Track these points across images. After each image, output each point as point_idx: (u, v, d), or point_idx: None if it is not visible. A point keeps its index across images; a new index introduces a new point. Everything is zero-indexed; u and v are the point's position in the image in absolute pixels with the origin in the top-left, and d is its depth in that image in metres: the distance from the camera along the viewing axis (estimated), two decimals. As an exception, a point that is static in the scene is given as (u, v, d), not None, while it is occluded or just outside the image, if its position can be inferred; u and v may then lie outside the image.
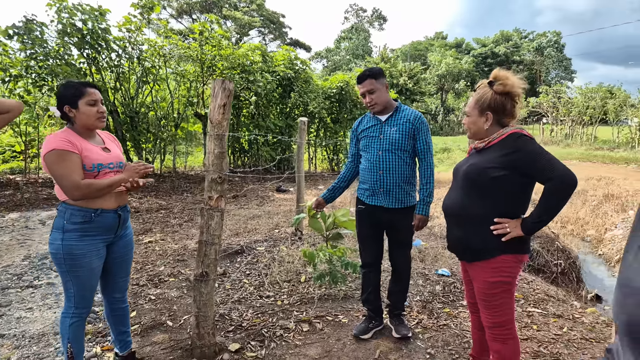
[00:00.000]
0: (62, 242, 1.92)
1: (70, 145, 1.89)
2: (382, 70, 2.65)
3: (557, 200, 1.78)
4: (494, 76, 1.95)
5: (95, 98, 1.99)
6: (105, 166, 2.00)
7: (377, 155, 2.61)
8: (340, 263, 3.47)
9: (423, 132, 2.60)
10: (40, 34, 7.25)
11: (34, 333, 2.74)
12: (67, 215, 1.93)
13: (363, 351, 2.62)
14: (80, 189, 1.86)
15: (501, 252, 1.87)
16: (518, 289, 3.78)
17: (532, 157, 1.80)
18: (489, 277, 1.90)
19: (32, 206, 6.52)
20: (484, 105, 1.94)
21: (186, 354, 2.51)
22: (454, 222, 2.05)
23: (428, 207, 2.59)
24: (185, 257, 4.36)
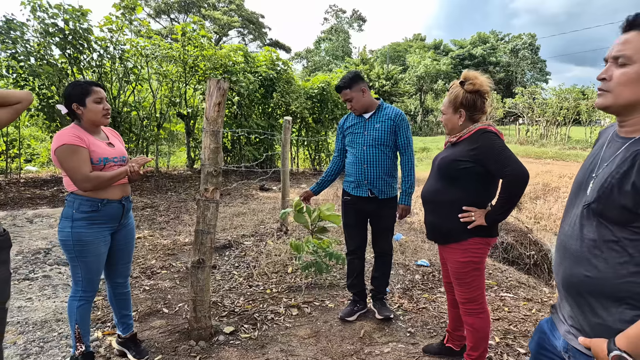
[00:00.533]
0: (72, 230, 2.08)
1: (80, 140, 2.05)
2: (356, 76, 2.85)
3: (510, 194, 2.00)
4: (464, 77, 2.17)
5: (101, 96, 2.16)
6: (110, 160, 2.17)
7: (361, 150, 2.85)
8: (325, 254, 3.70)
9: (404, 128, 2.84)
10: (21, 34, 7.21)
11: (37, 320, 2.87)
12: (75, 204, 2.09)
13: (349, 331, 2.85)
14: (90, 180, 2.04)
15: (471, 235, 2.11)
16: (493, 276, 4.09)
17: (491, 153, 2.02)
18: (460, 258, 2.15)
19: (17, 205, 6.51)
20: (457, 104, 2.15)
21: (184, 336, 2.68)
22: (429, 208, 2.29)
23: (410, 197, 2.85)
24: (175, 252, 4.50)
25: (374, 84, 23.31)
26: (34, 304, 3.13)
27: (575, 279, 1.14)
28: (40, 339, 2.63)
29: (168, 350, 2.54)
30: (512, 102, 31.03)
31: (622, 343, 0.99)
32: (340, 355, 2.55)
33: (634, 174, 1.01)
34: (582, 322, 1.13)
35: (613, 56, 1.07)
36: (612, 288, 1.05)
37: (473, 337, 2.24)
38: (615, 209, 1.04)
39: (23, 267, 3.88)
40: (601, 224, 1.08)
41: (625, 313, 1.03)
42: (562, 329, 1.22)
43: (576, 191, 1.22)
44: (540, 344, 1.34)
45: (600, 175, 1.11)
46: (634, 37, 1.05)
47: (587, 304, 1.11)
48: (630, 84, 1.05)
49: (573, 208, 1.21)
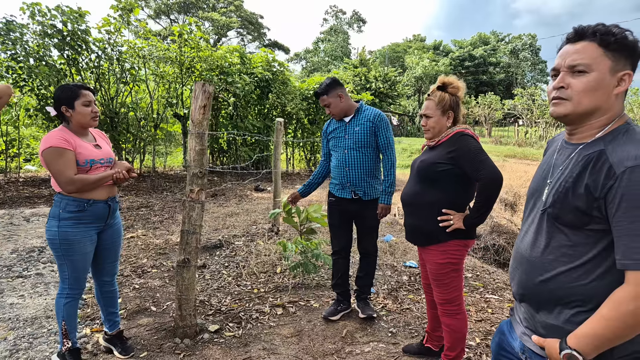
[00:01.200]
0: (58, 229, 2.15)
1: (66, 143, 2.12)
2: (333, 82, 2.93)
3: (485, 197, 2.05)
4: (443, 82, 2.25)
5: (89, 99, 2.23)
6: (97, 161, 2.24)
7: (343, 153, 2.93)
8: (312, 254, 3.76)
9: (383, 129, 2.89)
10: (21, 35, 7.30)
11: (27, 317, 2.94)
12: (62, 204, 2.17)
13: (332, 330, 2.92)
14: (74, 183, 2.11)
15: (450, 237, 2.17)
16: (480, 278, 4.15)
17: (467, 156, 2.08)
18: (439, 259, 2.21)
19: (15, 204, 6.59)
20: (446, 106, 2.21)
21: (169, 334, 2.75)
22: (409, 210, 2.34)
23: (390, 196, 2.90)
24: (167, 251, 4.58)
25: (371, 85, 23.38)
26: (25, 301, 3.21)
27: (530, 284, 1.19)
28: (29, 335, 2.70)
29: (154, 348, 2.61)
30: (511, 103, 31.06)
31: (573, 342, 1.05)
32: (321, 354, 2.61)
33: (587, 176, 1.06)
34: (536, 323, 1.18)
35: (568, 65, 1.10)
36: (566, 292, 1.11)
37: (450, 337, 2.29)
38: (570, 211, 1.09)
39: (17, 264, 3.96)
40: (557, 228, 1.13)
41: (577, 315, 1.09)
42: (519, 331, 1.27)
43: (531, 199, 1.27)
44: (500, 345, 1.39)
45: (554, 181, 1.16)
46: (587, 46, 1.09)
47: (541, 307, 1.17)
48: (589, 92, 1.09)
49: (529, 215, 1.26)
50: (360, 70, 24.16)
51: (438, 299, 2.29)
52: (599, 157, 1.05)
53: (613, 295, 1.01)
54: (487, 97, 34.50)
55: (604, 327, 1.00)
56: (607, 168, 1.02)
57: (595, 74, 1.08)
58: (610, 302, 1.01)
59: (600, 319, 1.01)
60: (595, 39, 1.08)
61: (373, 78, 23.78)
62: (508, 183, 10.10)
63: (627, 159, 1.00)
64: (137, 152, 9.78)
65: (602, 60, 1.08)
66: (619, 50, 1.07)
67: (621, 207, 0.99)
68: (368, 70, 24.32)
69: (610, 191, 1.01)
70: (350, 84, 18.41)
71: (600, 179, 1.03)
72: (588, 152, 1.09)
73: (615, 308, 0.99)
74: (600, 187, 1.03)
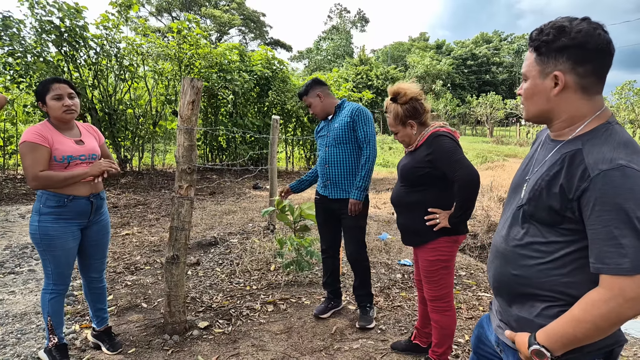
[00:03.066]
0: (39, 224, 2.15)
1: (41, 139, 2.11)
2: (312, 83, 2.93)
3: (464, 197, 2.05)
4: (392, 92, 2.23)
5: (59, 93, 2.18)
6: (75, 158, 2.20)
7: (324, 151, 2.90)
8: (306, 252, 3.75)
9: (362, 123, 2.80)
10: (18, 31, 7.30)
11: (17, 313, 2.94)
12: (43, 199, 2.16)
13: (321, 327, 2.91)
14: (37, 179, 2.08)
15: (439, 235, 2.17)
16: (474, 276, 4.13)
17: (443, 157, 2.07)
18: (429, 257, 2.21)
19: (12, 201, 6.61)
20: (403, 119, 2.21)
21: (159, 330, 2.75)
22: (398, 211, 2.36)
23: (361, 191, 2.76)
24: (161, 248, 4.57)
25: (372, 83, 23.36)
26: (16, 297, 3.21)
27: (505, 277, 1.20)
28: (18, 331, 2.70)
29: (142, 344, 2.61)
30: (513, 103, 30.97)
31: (542, 338, 1.05)
32: (309, 350, 2.61)
33: (562, 177, 1.04)
34: (509, 317, 1.19)
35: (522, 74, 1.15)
36: (538, 286, 1.11)
37: (438, 334, 2.30)
38: (544, 210, 1.08)
39: (9, 261, 3.96)
40: (532, 225, 1.13)
41: (548, 309, 1.10)
42: (494, 323, 1.28)
43: (512, 194, 1.27)
44: (479, 338, 1.40)
45: (532, 178, 1.15)
46: (528, 54, 1.12)
47: (514, 300, 1.18)
48: (528, 98, 1.14)
49: (508, 209, 1.26)
50: (362, 69, 24.16)
51: (428, 296, 2.29)
52: (575, 157, 1.04)
53: (586, 297, 1.01)
54: (489, 97, 34.44)
55: (574, 327, 1.00)
56: (582, 170, 1.00)
57: (530, 81, 1.11)
58: (583, 304, 1.00)
59: (571, 319, 1.01)
60: (531, 47, 1.10)
61: (374, 76, 23.79)
62: (507, 182, 10.08)
63: (602, 161, 0.98)
64: (135, 150, 9.79)
65: (533, 66, 1.10)
66: (547, 52, 1.07)
67: (595, 211, 0.97)
68: (370, 69, 24.32)
69: (584, 194, 0.99)
70: (351, 82, 18.37)
71: (575, 181, 1.01)
72: (565, 151, 1.07)
73: (587, 310, 0.99)
74: (575, 188, 1.01)
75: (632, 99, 21.07)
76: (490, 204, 7.42)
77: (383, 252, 4.76)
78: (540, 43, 1.07)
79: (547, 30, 1.06)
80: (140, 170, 10.10)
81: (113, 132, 8.87)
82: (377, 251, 4.73)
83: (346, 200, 2.86)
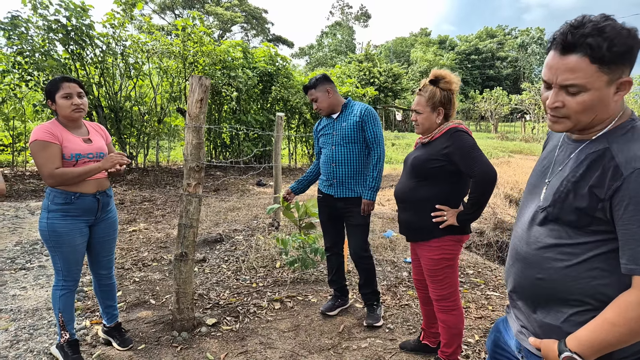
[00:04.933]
0: (47, 221, 2.18)
1: (52, 137, 2.13)
2: (322, 77, 2.91)
3: (479, 194, 2.03)
4: (436, 75, 2.19)
5: (69, 91, 2.20)
6: (83, 156, 2.23)
7: (330, 149, 2.89)
8: (310, 249, 3.77)
9: (370, 123, 2.82)
10: (26, 30, 7.34)
11: (29, 308, 2.98)
12: (51, 196, 2.19)
13: (329, 326, 2.93)
14: (54, 177, 2.12)
15: (444, 233, 2.15)
16: (481, 275, 4.13)
17: (461, 152, 2.06)
18: (433, 255, 2.19)
19: (21, 197, 6.67)
20: (436, 102, 2.17)
21: (167, 327, 2.78)
22: (402, 206, 2.33)
23: (374, 192, 2.80)
24: (168, 244, 4.60)
25: (374, 80, 23.30)
26: (27, 292, 3.25)
27: (527, 282, 1.15)
28: (30, 326, 2.74)
29: (152, 340, 2.64)
30: (518, 98, 30.75)
31: (573, 344, 1.01)
32: (317, 348, 2.62)
33: (591, 177, 1.01)
34: (533, 323, 1.15)
35: (561, 85, 1.01)
36: (565, 290, 1.07)
37: (447, 334, 2.28)
38: (572, 212, 1.04)
39: (20, 257, 4.00)
40: (557, 226, 1.09)
41: (577, 315, 1.06)
42: (515, 329, 1.23)
43: (528, 195, 1.23)
44: (496, 343, 1.36)
45: (554, 180, 1.11)
46: (579, 63, 0.98)
47: (538, 306, 1.14)
48: (588, 110, 1.02)
49: (525, 212, 1.21)
50: (365, 65, 24.09)
51: (433, 295, 2.28)
52: (604, 156, 1.00)
53: (619, 300, 0.97)
54: (494, 92, 34.21)
55: (607, 331, 0.97)
56: (613, 168, 0.97)
57: (591, 92, 0.99)
58: (616, 307, 0.97)
59: (603, 323, 0.98)
60: (587, 54, 0.96)
61: (377, 73, 23.73)
62: (513, 179, 10.04)
63: (634, 159, 0.95)
64: (140, 147, 9.83)
65: (597, 77, 0.98)
66: (614, 61, 0.96)
67: (628, 210, 0.94)
68: (373, 65, 24.26)
69: (616, 193, 0.96)
70: (354, 79, 18.33)
71: (606, 180, 0.97)
72: (591, 151, 1.03)
73: (621, 313, 0.95)
74: (607, 188, 0.97)
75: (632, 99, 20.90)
76: (496, 201, 7.40)
77: (388, 249, 4.77)
78: (605, 53, 0.95)
79: (607, 37, 0.95)
80: (145, 167, 10.15)
81: (119, 129, 8.92)
82: (383, 249, 4.74)
83: (351, 199, 2.86)
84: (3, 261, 3.91)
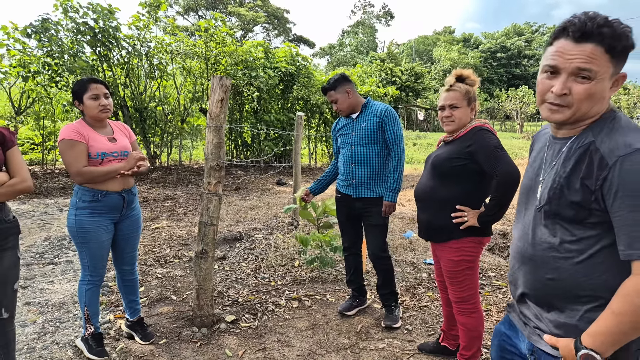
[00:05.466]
0: (75, 218, 2.26)
1: (79, 136, 2.21)
2: (341, 78, 2.88)
3: (501, 195, 1.99)
4: (461, 74, 2.20)
5: (97, 92, 2.28)
6: (109, 155, 2.30)
7: (349, 149, 2.87)
8: (329, 248, 3.77)
9: (390, 124, 2.79)
10: (55, 32, 7.61)
11: (56, 302, 3.09)
12: (79, 194, 2.27)
13: (346, 325, 2.92)
14: (82, 175, 2.20)
15: (464, 235, 2.12)
16: (502, 277, 4.04)
17: (484, 151, 2.02)
18: (453, 257, 2.16)
19: (50, 194, 6.94)
20: (472, 98, 2.17)
21: (187, 322, 2.83)
22: (422, 206, 2.29)
23: (395, 193, 2.78)
24: (189, 242, 4.69)
25: (396, 79, 23.10)
26: (55, 286, 3.37)
27: (538, 284, 1.16)
28: (57, 319, 2.84)
29: (172, 335, 2.69)
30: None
31: (588, 341, 1.02)
32: (335, 348, 2.62)
33: (580, 170, 1.04)
34: (548, 323, 1.15)
35: (575, 68, 1.03)
36: (577, 287, 1.08)
37: (466, 336, 2.25)
38: (568, 207, 1.07)
39: (49, 252, 4.16)
40: (558, 224, 1.11)
41: (591, 312, 1.06)
42: (526, 331, 1.23)
43: (525, 198, 1.25)
44: (502, 347, 1.34)
45: (547, 178, 1.14)
46: (595, 51, 1.01)
47: (552, 306, 1.14)
48: (590, 99, 1.04)
49: (525, 214, 1.23)
50: (387, 65, 23.92)
51: (453, 297, 2.25)
52: (589, 148, 1.04)
53: (622, 289, 0.99)
54: (519, 91, 33.39)
55: (617, 323, 0.98)
56: (599, 159, 1.01)
57: (598, 81, 1.02)
58: (620, 296, 0.98)
59: (611, 315, 0.99)
60: (603, 43, 1.00)
61: (399, 72, 23.53)
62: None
63: (617, 148, 0.99)
64: (164, 146, 10.05)
65: (607, 67, 1.02)
66: (621, 55, 1.03)
67: (618, 197, 0.97)
68: (395, 64, 24.07)
69: (605, 182, 0.99)
70: (376, 78, 18.22)
71: (594, 171, 1.01)
72: (578, 145, 1.08)
73: (625, 302, 0.97)
74: (595, 179, 1.01)
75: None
76: (519, 202, 7.20)
77: (408, 250, 4.72)
78: (619, 45, 1.01)
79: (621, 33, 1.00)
80: (168, 165, 10.37)
81: (144, 129, 9.14)
82: (402, 249, 4.69)
83: (370, 199, 2.85)
84: (32, 256, 4.07)
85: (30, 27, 7.40)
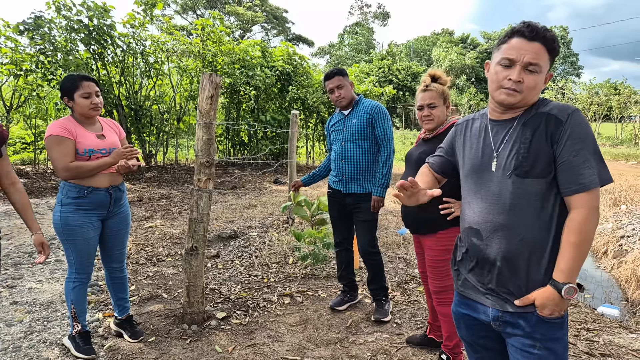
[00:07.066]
0: (60, 214, 2.23)
1: (66, 132, 2.19)
2: (344, 70, 2.94)
3: None
4: (434, 75, 2.29)
5: (89, 91, 2.25)
6: (96, 151, 2.27)
7: (340, 145, 2.90)
8: (322, 244, 3.76)
9: (380, 120, 2.82)
10: (49, 30, 7.57)
11: (44, 301, 3.07)
12: (64, 190, 2.25)
13: (337, 320, 2.91)
14: (69, 170, 2.18)
15: (451, 225, 2.15)
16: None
17: None
18: (439, 247, 2.20)
19: (42, 194, 6.89)
20: (446, 97, 2.27)
21: (178, 320, 2.81)
22: None
23: (383, 189, 2.80)
24: (182, 241, 4.67)
25: (393, 78, 23.10)
26: (43, 286, 3.35)
27: (511, 246, 1.26)
28: (44, 318, 2.82)
29: (162, 333, 2.68)
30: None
31: (562, 277, 1.18)
32: (324, 342, 2.61)
33: (544, 130, 1.23)
34: (519, 285, 1.26)
35: (526, 63, 1.24)
36: (543, 241, 1.23)
37: (448, 326, 2.27)
38: (537, 164, 1.23)
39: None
40: (525, 184, 1.24)
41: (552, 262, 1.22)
42: (487, 303, 1.32)
43: (477, 177, 1.37)
44: (468, 326, 1.44)
45: (504, 150, 1.30)
46: (540, 49, 1.24)
47: (520, 267, 1.25)
48: (535, 89, 1.27)
49: (481, 189, 1.35)
50: (385, 63, 23.92)
51: (433, 287, 2.28)
52: (541, 115, 1.26)
53: (571, 222, 1.18)
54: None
55: (579, 252, 1.17)
56: (554, 120, 1.22)
57: (541, 74, 1.26)
58: (575, 229, 1.17)
59: (573, 247, 1.17)
60: (546, 44, 1.24)
61: (397, 70, 23.53)
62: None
63: (564, 110, 1.23)
64: (160, 145, 10.02)
65: (546, 64, 1.27)
66: (554, 56, 1.27)
67: (568, 144, 1.19)
68: (393, 62, 24.08)
69: (560, 136, 1.20)
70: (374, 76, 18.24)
71: (553, 128, 1.22)
72: (527, 118, 1.28)
73: (582, 231, 1.17)
74: (556, 134, 1.21)
75: None
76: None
77: (402, 247, 4.72)
78: (555, 47, 1.26)
79: (555, 37, 1.26)
80: (164, 164, 10.34)
81: (139, 128, 9.11)
82: (396, 246, 4.69)
83: (359, 195, 2.87)
84: (21, 255, 4.03)
85: (23, 24, 7.36)
